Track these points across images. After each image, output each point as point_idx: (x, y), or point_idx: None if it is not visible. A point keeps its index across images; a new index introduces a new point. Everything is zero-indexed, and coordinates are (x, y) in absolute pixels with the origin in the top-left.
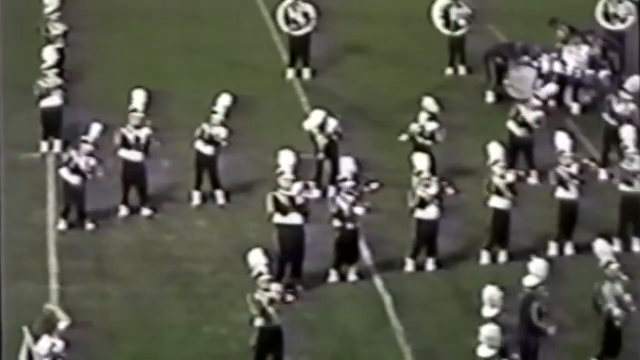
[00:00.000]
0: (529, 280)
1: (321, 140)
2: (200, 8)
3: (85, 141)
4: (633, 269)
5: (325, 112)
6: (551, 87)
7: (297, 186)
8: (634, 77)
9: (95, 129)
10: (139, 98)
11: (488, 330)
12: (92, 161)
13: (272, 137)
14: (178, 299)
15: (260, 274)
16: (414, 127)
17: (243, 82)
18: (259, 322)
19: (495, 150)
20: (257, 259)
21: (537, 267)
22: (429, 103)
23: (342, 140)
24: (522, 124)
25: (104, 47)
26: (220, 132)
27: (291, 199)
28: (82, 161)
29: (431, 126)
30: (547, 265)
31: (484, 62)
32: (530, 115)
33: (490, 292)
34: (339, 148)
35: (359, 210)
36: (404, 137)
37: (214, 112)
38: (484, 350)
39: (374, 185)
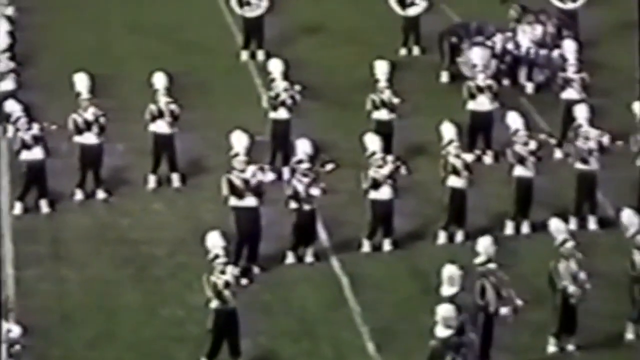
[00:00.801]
0: (478, 259)
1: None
2: None
3: (17, 119)
4: (588, 247)
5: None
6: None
7: (252, 168)
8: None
9: (11, 105)
10: (80, 82)
11: (444, 310)
12: (34, 130)
13: (226, 119)
14: (134, 281)
15: (216, 256)
16: None
17: (197, 63)
18: (214, 304)
19: (449, 130)
20: (214, 242)
21: (483, 245)
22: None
23: (297, 106)
24: (479, 92)
25: (55, 28)
26: (174, 109)
27: (246, 181)
28: (27, 136)
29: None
30: (494, 242)
31: (438, 42)
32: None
33: (450, 271)
34: (291, 128)
35: (314, 191)
36: None
37: (157, 92)
38: (440, 330)
39: (329, 167)
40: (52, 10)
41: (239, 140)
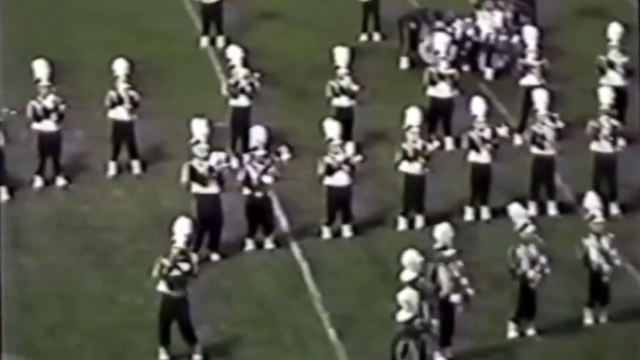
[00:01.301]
0: (435, 245)
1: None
2: None
3: None
4: (548, 232)
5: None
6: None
7: (215, 155)
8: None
9: None
10: (40, 68)
11: (405, 295)
12: None
13: (186, 105)
14: (94, 269)
15: (173, 241)
16: None
17: (156, 50)
18: (161, 286)
19: (412, 116)
20: (179, 227)
21: (441, 232)
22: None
23: (256, 93)
24: (440, 79)
25: (12, 15)
26: (134, 96)
27: (208, 168)
28: None
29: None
30: (451, 229)
31: (398, 27)
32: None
33: (411, 256)
34: (251, 115)
35: (267, 179)
36: None
37: (117, 79)
38: (402, 315)
39: (284, 156)
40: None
41: (199, 128)
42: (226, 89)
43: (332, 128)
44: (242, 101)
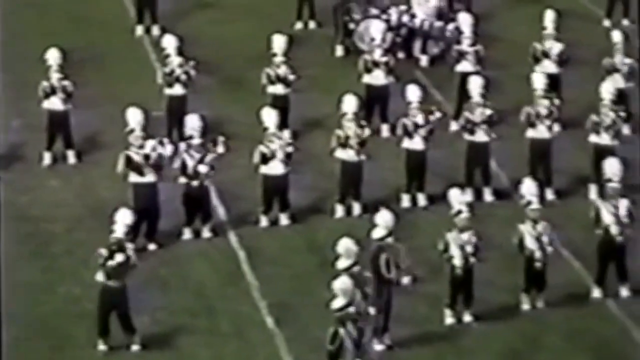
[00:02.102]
0: (377, 233)
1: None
2: None
3: None
4: (484, 218)
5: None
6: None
7: (151, 143)
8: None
9: None
10: None
11: (340, 283)
12: None
13: (122, 94)
14: (32, 258)
15: (112, 231)
16: None
17: (92, 39)
18: (99, 276)
19: (349, 103)
20: (121, 218)
21: (383, 218)
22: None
23: (192, 82)
24: (375, 67)
25: None
26: (67, 85)
27: (146, 156)
28: None
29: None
30: (393, 216)
31: (332, 15)
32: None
33: (345, 244)
34: (187, 104)
35: (203, 168)
36: None
37: (50, 69)
38: (336, 303)
39: (220, 148)
40: None
41: (134, 116)
42: (161, 78)
43: (269, 116)
44: (178, 90)
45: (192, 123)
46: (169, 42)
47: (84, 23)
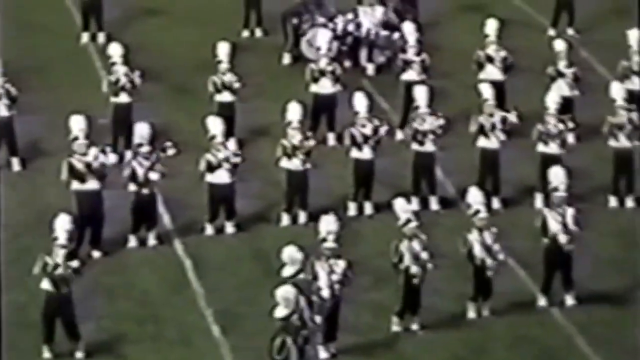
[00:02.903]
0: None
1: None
2: None
3: None
4: (431, 227)
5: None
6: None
7: (93, 151)
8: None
9: None
10: None
11: (283, 292)
12: None
13: (67, 101)
14: None
15: (55, 238)
16: None
17: (37, 45)
18: (44, 284)
19: (293, 111)
20: (60, 224)
21: (327, 222)
22: None
23: (137, 90)
24: (321, 75)
25: None
26: (11, 91)
27: (88, 164)
28: None
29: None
30: (336, 220)
31: (281, 23)
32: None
33: (289, 251)
34: (132, 112)
35: (153, 175)
36: None
37: None
38: (279, 312)
39: (170, 152)
40: None
41: (77, 124)
42: (107, 87)
43: (215, 125)
44: (123, 98)
45: (142, 131)
46: (115, 50)
47: (29, 29)
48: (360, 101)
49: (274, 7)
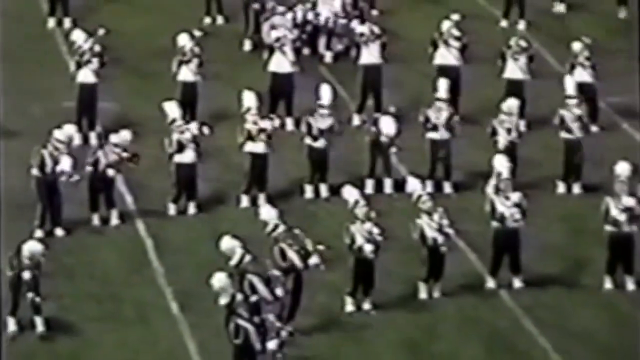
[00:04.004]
0: (268, 227)
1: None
2: None
3: None
4: (385, 210)
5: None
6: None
7: (57, 134)
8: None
9: None
10: None
11: (216, 280)
12: None
13: (34, 85)
14: None
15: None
16: None
17: (5, 31)
18: (7, 271)
19: (249, 98)
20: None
21: (265, 213)
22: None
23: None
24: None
25: None
26: None
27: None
28: None
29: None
30: (273, 210)
31: (243, 10)
32: (285, 62)
33: (225, 243)
34: (97, 94)
35: (110, 172)
36: None
37: None
38: (222, 300)
39: (133, 162)
40: None
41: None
42: (73, 64)
43: (172, 109)
44: (89, 77)
45: (123, 137)
46: (78, 37)
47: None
48: (326, 94)
49: None
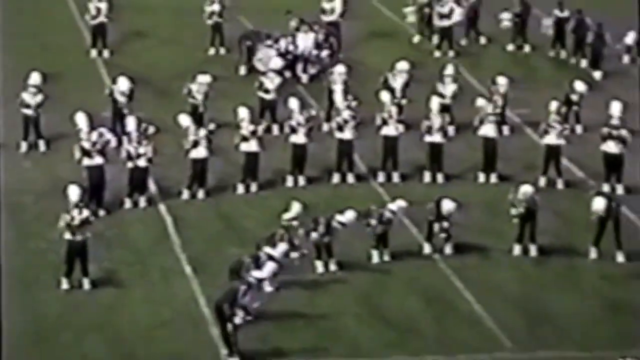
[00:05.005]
0: (287, 215)
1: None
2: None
3: None
4: (346, 197)
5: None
6: (277, 62)
7: (94, 134)
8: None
9: None
10: None
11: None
12: None
13: (79, 102)
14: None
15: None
16: None
17: (55, 60)
18: (66, 235)
19: (242, 111)
20: (72, 192)
21: (295, 207)
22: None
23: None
24: (266, 90)
25: None
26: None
27: (92, 143)
28: None
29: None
30: (302, 207)
31: (238, 44)
32: (271, 84)
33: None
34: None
35: (141, 162)
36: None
37: (28, 86)
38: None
39: (151, 129)
40: None
41: (81, 119)
42: (108, 90)
43: (185, 120)
44: (121, 98)
45: (131, 125)
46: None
47: (47, 47)
48: (294, 103)
49: (233, 32)
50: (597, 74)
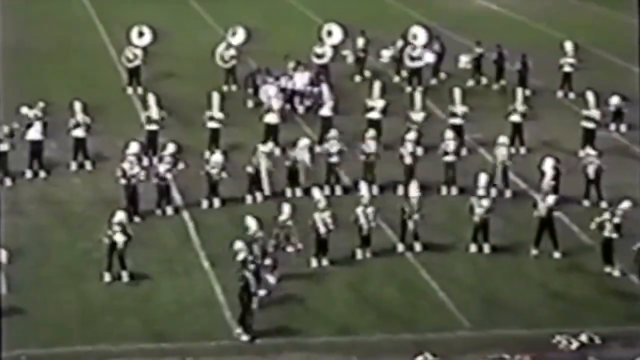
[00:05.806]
0: (281, 217)
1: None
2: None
3: None
4: (337, 204)
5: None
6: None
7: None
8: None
9: None
10: None
11: (237, 244)
12: None
13: (118, 130)
14: (61, 226)
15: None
16: None
17: (97, 95)
18: (105, 240)
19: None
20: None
21: (285, 209)
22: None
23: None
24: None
25: None
26: (88, 121)
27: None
28: None
29: None
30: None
31: (244, 81)
32: (272, 118)
33: (248, 221)
34: (158, 135)
35: (169, 175)
36: None
37: (76, 112)
38: (240, 257)
39: (181, 166)
40: None
41: (132, 147)
42: (144, 119)
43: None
44: (153, 127)
45: (170, 149)
46: (150, 98)
47: (96, 83)
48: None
49: (241, 71)
50: (527, 92)
